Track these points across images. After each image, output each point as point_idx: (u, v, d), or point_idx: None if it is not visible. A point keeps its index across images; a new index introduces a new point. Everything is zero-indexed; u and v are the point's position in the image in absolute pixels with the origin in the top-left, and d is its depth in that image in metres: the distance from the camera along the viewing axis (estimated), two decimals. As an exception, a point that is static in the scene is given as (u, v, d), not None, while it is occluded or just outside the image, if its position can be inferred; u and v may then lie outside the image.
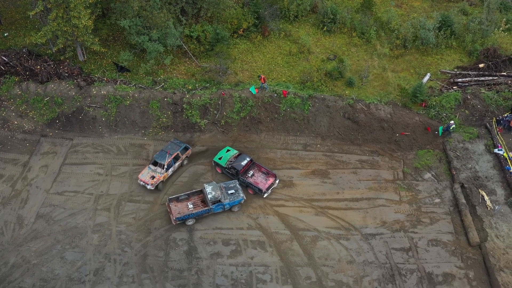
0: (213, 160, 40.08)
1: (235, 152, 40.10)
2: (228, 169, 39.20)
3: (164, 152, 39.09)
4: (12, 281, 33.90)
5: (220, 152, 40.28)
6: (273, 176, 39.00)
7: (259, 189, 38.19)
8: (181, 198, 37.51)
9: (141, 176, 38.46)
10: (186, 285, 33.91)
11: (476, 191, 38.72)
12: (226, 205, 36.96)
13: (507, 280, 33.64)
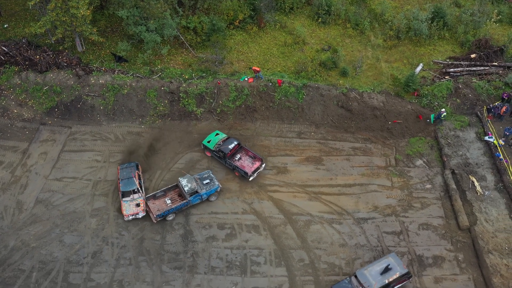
0: (202, 143, 40.64)
1: (223, 135, 40.77)
2: (216, 152, 39.76)
3: (128, 180, 37.14)
4: (12, 264, 34.44)
5: (209, 135, 40.94)
6: (259, 160, 39.59)
7: (244, 172, 38.74)
8: (158, 195, 37.50)
9: (125, 212, 36.11)
10: (182, 267, 34.47)
11: (466, 177, 39.29)
12: (204, 195, 37.26)
13: (495, 262, 34.22)
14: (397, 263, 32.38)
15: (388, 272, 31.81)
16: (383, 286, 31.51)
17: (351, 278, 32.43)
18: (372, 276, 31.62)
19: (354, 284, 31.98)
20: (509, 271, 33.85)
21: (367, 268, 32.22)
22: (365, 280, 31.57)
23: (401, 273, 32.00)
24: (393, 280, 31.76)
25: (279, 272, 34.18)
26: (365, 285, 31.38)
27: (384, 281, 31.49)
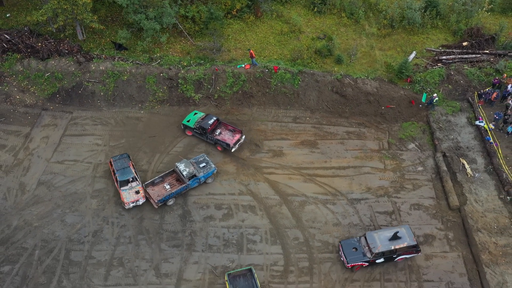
0: (182, 123, 41.52)
1: (202, 114, 41.93)
2: (197, 129, 40.72)
3: (124, 170, 37.47)
4: (15, 242, 35.13)
5: (188, 115, 42.00)
6: (239, 132, 40.73)
7: (227, 144, 39.85)
8: (156, 182, 37.94)
9: (126, 200, 36.41)
10: (180, 245, 35.17)
11: (457, 159, 40.01)
12: (201, 178, 37.90)
13: (483, 239, 34.97)
14: (407, 234, 33.33)
15: (396, 240, 32.91)
16: (388, 251, 32.65)
17: (361, 238, 33.94)
18: (380, 240, 32.96)
19: (362, 243, 33.56)
20: (497, 248, 34.59)
21: (378, 232, 33.59)
22: (372, 241, 33.02)
23: (409, 244, 32.91)
24: (400, 248, 32.81)
25: (274, 250, 34.90)
26: (371, 246, 32.81)
27: (390, 247, 32.63)
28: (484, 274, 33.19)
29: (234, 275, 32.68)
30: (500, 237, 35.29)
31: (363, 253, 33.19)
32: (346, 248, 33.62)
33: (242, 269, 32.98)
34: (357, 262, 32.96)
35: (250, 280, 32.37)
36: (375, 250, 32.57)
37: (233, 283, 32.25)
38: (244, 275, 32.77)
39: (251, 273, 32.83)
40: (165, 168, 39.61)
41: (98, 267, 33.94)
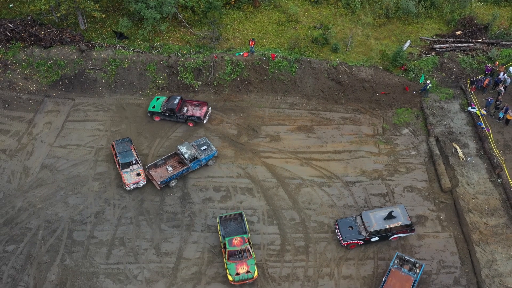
0: (148, 111, 42.00)
1: (164, 97, 42.67)
2: (165, 112, 41.33)
3: (126, 153, 38.08)
4: (19, 223, 35.74)
5: (152, 102, 42.55)
6: (205, 104, 42.08)
7: (197, 117, 41.26)
8: (158, 164, 38.47)
9: (127, 182, 36.97)
10: (179, 226, 35.78)
11: (449, 144, 40.61)
12: (203, 161, 38.51)
13: (474, 220, 35.59)
14: (402, 214, 34.03)
15: (391, 219, 33.62)
16: (383, 229, 33.38)
17: (356, 217, 34.66)
18: (375, 219, 33.73)
19: (357, 222, 34.28)
20: (488, 228, 35.22)
21: (373, 211, 34.34)
22: (367, 220, 33.82)
23: (403, 224, 33.63)
24: (394, 227, 33.52)
25: (271, 230, 35.51)
26: (366, 225, 33.59)
27: (384, 226, 33.39)
28: (475, 252, 33.83)
29: (225, 218, 34.76)
30: (491, 218, 35.91)
31: (359, 232, 33.85)
32: (342, 226, 34.30)
33: (233, 213, 35.05)
34: (352, 240, 33.62)
35: (240, 224, 34.43)
36: (370, 229, 33.24)
37: (223, 225, 34.37)
38: (235, 219, 34.84)
39: (241, 217, 34.82)
40: (165, 152, 40.19)
41: (100, 247, 34.56)
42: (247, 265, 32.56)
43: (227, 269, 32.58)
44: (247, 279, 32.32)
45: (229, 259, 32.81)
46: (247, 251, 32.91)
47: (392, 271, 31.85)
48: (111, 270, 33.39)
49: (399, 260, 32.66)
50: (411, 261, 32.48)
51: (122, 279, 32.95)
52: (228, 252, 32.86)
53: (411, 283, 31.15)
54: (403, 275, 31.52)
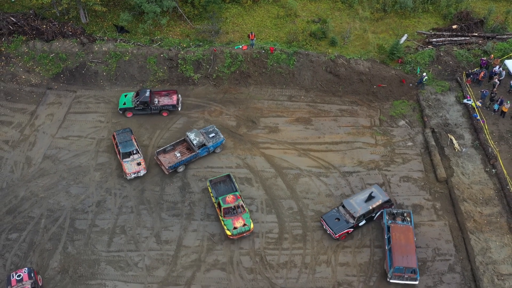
0: (119, 108, 41.86)
1: (132, 93, 42.68)
2: (138, 106, 41.36)
3: (126, 142, 38.40)
4: (22, 212, 36.11)
5: (120, 100, 42.38)
6: (174, 92, 42.67)
7: (172, 106, 41.76)
8: (167, 150, 39.04)
9: (128, 171, 37.37)
10: (179, 214, 36.15)
11: (445, 135, 40.96)
12: (211, 148, 39.00)
13: (469, 209, 35.97)
14: (379, 192, 35.21)
15: (371, 200, 34.57)
16: (367, 211, 34.17)
17: (339, 207, 35.21)
18: (357, 204, 34.46)
19: (342, 212, 34.73)
20: (482, 217, 35.60)
21: (353, 198, 35.05)
22: (351, 207, 34.39)
23: (383, 200, 34.71)
24: (376, 206, 34.48)
25: (269, 219, 35.88)
26: (351, 212, 34.15)
27: (368, 207, 34.22)
28: (469, 240, 34.22)
29: (215, 181, 36.70)
30: (485, 207, 36.28)
31: (346, 221, 34.30)
32: (329, 220, 34.48)
33: (222, 175, 36.98)
34: (343, 230, 33.96)
35: (229, 184, 36.64)
36: (356, 214, 33.85)
37: (214, 188, 36.32)
38: (224, 181, 36.81)
39: (229, 178, 36.77)
40: (165, 143, 40.54)
41: (102, 235, 34.94)
42: (243, 219, 34.47)
43: (224, 226, 34.35)
44: (244, 231, 34.27)
45: (225, 216, 34.55)
46: (241, 207, 34.84)
47: (391, 226, 33.43)
48: (112, 257, 33.77)
49: (390, 216, 34.50)
50: (399, 213, 34.66)
51: (123, 266, 33.33)
52: (224, 209, 34.58)
53: (412, 231, 33.09)
54: (402, 227, 33.34)
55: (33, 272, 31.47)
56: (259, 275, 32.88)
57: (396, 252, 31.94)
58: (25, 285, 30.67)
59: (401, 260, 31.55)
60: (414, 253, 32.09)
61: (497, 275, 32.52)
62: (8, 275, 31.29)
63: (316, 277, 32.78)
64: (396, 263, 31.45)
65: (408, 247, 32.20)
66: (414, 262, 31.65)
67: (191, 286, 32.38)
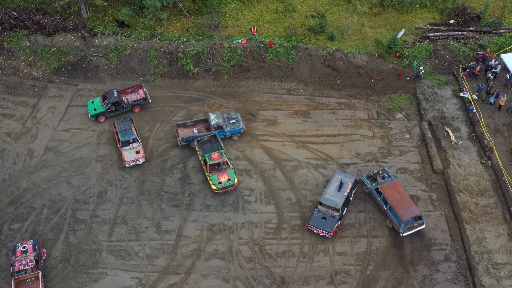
0: (91, 115, 40.93)
1: (98, 98, 41.84)
2: (110, 108, 40.82)
3: (126, 131, 38.90)
4: (24, 202, 36.39)
5: (89, 107, 41.37)
6: (139, 87, 42.74)
7: (143, 99, 41.94)
8: (188, 125, 40.12)
9: (127, 158, 37.82)
10: (179, 205, 36.45)
11: (442, 128, 41.28)
12: (227, 132, 39.60)
13: (465, 199, 36.29)
14: (345, 176, 35.64)
15: (343, 187, 34.95)
16: (345, 198, 34.62)
17: (318, 207, 34.88)
18: (333, 196, 34.56)
19: (323, 211, 34.55)
20: (478, 208, 35.91)
21: (326, 193, 34.93)
22: (330, 202, 34.40)
23: (352, 182, 35.35)
24: (349, 190, 35.09)
25: (268, 209, 36.18)
26: (333, 205, 34.23)
27: (344, 194, 34.67)
28: (465, 230, 34.53)
29: (202, 141, 38.54)
30: (481, 198, 36.60)
31: (332, 216, 34.14)
32: (317, 224, 34.02)
33: (208, 134, 38.97)
34: (334, 226, 33.88)
35: (215, 144, 38.52)
36: (339, 206, 34.02)
37: (201, 147, 38.22)
38: (210, 141, 38.71)
39: (215, 138, 38.75)
40: (166, 135, 40.83)
41: (103, 225, 35.23)
42: (227, 174, 36.45)
43: (210, 181, 36.34)
44: (229, 186, 36.34)
45: (210, 172, 36.52)
46: (225, 163, 36.83)
47: (380, 187, 34.88)
48: (113, 247, 34.08)
49: (371, 179, 36.16)
50: (376, 173, 36.32)
51: (124, 255, 33.64)
52: (209, 166, 36.52)
53: (398, 183, 35.24)
54: (389, 184, 35.03)
55: (37, 245, 32.87)
56: (258, 264, 33.19)
57: (398, 208, 33.40)
58: (29, 256, 31.78)
59: (406, 213, 33.20)
60: (412, 202, 33.97)
61: (492, 264, 32.84)
62: (14, 246, 32.68)
63: (314, 266, 33.09)
64: (403, 217, 32.95)
65: (404, 199, 33.93)
66: (417, 210, 33.63)
67: (191, 274, 32.69)
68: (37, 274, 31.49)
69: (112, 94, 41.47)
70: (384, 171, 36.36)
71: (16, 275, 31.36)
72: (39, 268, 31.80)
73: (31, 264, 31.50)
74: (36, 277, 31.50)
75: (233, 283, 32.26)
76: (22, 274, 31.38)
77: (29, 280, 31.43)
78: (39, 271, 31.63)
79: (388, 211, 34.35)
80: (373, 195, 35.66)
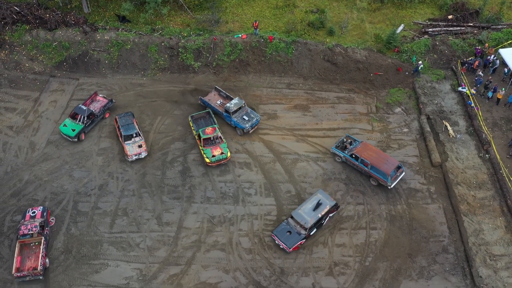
0: (71, 137, 39.12)
1: (68, 119, 39.81)
2: (87, 122, 39.49)
3: (128, 125, 39.02)
4: (26, 194, 36.56)
5: (67, 131, 39.32)
6: (95, 94, 41.88)
7: (110, 101, 41.45)
8: (221, 94, 42.01)
9: (129, 152, 37.95)
10: (180, 197, 36.62)
11: (440, 122, 41.41)
12: (232, 122, 40.06)
13: (463, 192, 36.47)
14: (325, 198, 34.29)
15: (319, 207, 33.61)
16: (317, 220, 33.28)
17: (288, 219, 33.81)
18: (306, 214, 33.30)
19: (292, 225, 33.44)
20: (476, 200, 36.10)
21: (301, 208, 33.79)
22: (301, 218, 33.16)
23: (331, 205, 33.93)
24: (325, 213, 33.67)
25: (268, 202, 36.36)
26: (302, 223, 32.93)
27: (318, 216, 33.32)
28: (462, 222, 34.70)
29: (196, 117, 40.10)
30: (479, 191, 36.77)
31: (298, 233, 33.02)
32: (281, 235, 33.11)
33: (202, 111, 40.61)
34: (296, 243, 32.81)
35: (209, 120, 40.08)
36: (307, 225, 32.74)
37: (195, 123, 39.79)
38: (204, 117, 40.31)
39: (209, 114, 40.36)
40: (166, 129, 41.02)
41: (104, 217, 35.40)
42: (221, 148, 37.94)
43: (204, 154, 37.80)
44: (222, 159, 37.71)
45: (204, 146, 38.03)
46: (219, 138, 38.38)
47: (355, 151, 36.60)
48: (115, 238, 34.24)
49: (342, 148, 37.78)
50: (342, 141, 38.38)
51: (125, 247, 33.81)
52: (203, 140, 38.02)
53: (368, 143, 37.65)
54: (361, 146, 36.97)
55: (46, 212, 34.31)
56: (258, 256, 33.37)
57: (379, 165, 35.52)
58: (35, 222, 33.12)
59: (388, 166, 35.48)
60: (387, 155, 36.39)
61: (490, 256, 33.03)
62: (25, 210, 34.47)
63: (313, 257, 33.27)
64: (388, 171, 35.20)
65: (381, 155, 36.20)
66: (395, 160, 36.28)
67: (191, 265, 32.87)
68: (40, 239, 32.67)
69: (81, 109, 39.76)
70: (349, 138, 38.16)
71: (21, 238, 32.62)
72: (43, 234, 32.93)
73: (35, 229, 32.68)
74: (39, 242, 32.73)
75: (233, 274, 32.45)
76: (27, 238, 32.66)
77: (32, 244, 32.84)
78: (42, 237, 32.72)
79: (370, 171, 35.98)
80: (350, 161, 36.91)
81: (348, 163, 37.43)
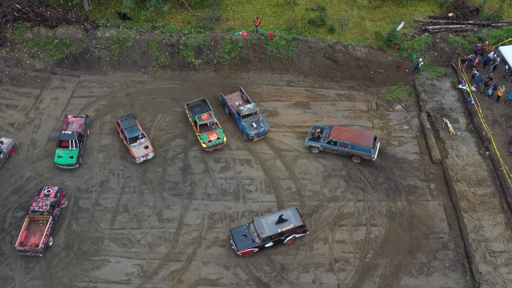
0: (72, 165, 37.42)
1: (58, 150, 37.76)
2: (78, 143, 37.91)
3: (132, 128, 38.59)
4: (28, 191, 36.55)
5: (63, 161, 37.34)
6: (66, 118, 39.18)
7: (86, 117, 39.63)
8: (243, 96, 41.93)
9: (137, 155, 37.61)
10: (181, 194, 36.61)
11: (440, 119, 41.37)
12: (241, 124, 39.46)
13: (463, 189, 36.44)
14: (293, 216, 33.09)
15: (282, 223, 32.64)
16: (276, 234, 32.33)
17: (250, 224, 33.51)
18: (267, 224, 32.68)
19: (250, 230, 33.11)
20: (476, 197, 36.06)
21: (265, 217, 33.28)
22: (259, 227, 32.70)
23: (295, 225, 32.69)
24: (286, 230, 32.51)
25: (268, 198, 36.33)
26: (258, 232, 32.45)
27: (276, 230, 32.35)
28: (462, 218, 34.68)
29: (192, 105, 40.68)
30: (479, 188, 36.74)
31: (252, 239, 32.54)
32: (236, 236, 32.81)
33: (197, 99, 41.28)
34: (247, 248, 32.37)
35: (204, 107, 40.69)
36: (262, 235, 32.15)
37: (191, 111, 40.37)
38: (199, 105, 40.92)
39: (204, 102, 41.03)
40: (167, 126, 41.01)
41: (105, 213, 35.40)
42: (217, 133, 38.51)
43: (200, 140, 38.37)
44: (218, 144, 38.33)
45: (201, 131, 38.64)
46: (215, 124, 39.01)
47: (331, 137, 37.53)
48: (116, 235, 34.25)
49: (315, 139, 38.43)
50: (312, 132, 38.89)
51: (126, 243, 33.82)
52: (199, 126, 38.64)
53: (339, 126, 39.03)
54: (334, 132, 37.89)
55: (60, 193, 35.09)
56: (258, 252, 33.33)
57: (359, 142, 37.05)
58: (47, 201, 33.92)
59: (367, 141, 37.22)
60: (361, 130, 38.83)
61: (489, 252, 33.00)
62: (41, 187, 35.47)
63: (313, 253, 33.27)
64: (368, 145, 36.96)
65: (356, 133, 37.91)
66: (370, 133, 38.27)
67: (192, 262, 32.87)
68: (48, 218, 33.48)
69: (67, 134, 37.94)
70: (316, 127, 39.19)
71: (31, 214, 33.48)
72: (52, 214, 33.64)
73: (45, 207, 33.43)
74: (47, 221, 33.55)
75: (234, 270, 32.44)
76: (37, 214, 33.49)
77: (40, 222, 33.82)
78: (51, 216, 33.47)
79: (352, 150, 37.32)
80: (328, 148, 37.99)
81: (326, 150, 38.32)
